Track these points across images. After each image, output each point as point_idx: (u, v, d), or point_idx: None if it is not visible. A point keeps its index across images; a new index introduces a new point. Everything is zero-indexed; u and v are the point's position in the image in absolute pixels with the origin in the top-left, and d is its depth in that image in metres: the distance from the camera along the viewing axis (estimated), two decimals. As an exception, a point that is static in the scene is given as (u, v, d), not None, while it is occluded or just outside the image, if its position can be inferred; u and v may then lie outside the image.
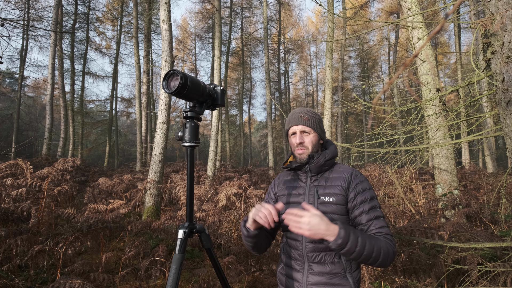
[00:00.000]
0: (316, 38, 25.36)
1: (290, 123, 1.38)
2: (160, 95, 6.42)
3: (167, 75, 1.17)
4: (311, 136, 1.35)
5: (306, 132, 1.35)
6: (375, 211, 1.24)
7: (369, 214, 1.23)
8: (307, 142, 1.34)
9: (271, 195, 1.47)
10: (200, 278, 3.06)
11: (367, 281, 2.70)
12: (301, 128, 1.35)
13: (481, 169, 10.61)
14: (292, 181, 1.41)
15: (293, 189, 1.37)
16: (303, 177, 1.36)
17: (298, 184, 1.37)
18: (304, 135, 1.35)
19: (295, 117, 1.37)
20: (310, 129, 1.35)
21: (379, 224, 1.22)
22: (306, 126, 1.34)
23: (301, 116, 1.36)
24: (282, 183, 1.44)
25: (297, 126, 1.35)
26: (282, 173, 1.52)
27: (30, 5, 14.94)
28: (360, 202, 1.25)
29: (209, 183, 8.83)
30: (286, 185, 1.41)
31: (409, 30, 4.62)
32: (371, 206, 1.25)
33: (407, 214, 4.42)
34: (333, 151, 1.37)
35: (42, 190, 4.38)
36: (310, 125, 1.35)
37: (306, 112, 1.37)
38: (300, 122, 1.35)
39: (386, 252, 1.13)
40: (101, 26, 19.44)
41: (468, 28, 4.44)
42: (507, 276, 2.15)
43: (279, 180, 1.47)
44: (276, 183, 1.48)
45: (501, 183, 3.54)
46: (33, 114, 25.92)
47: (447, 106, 3.06)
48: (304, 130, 1.35)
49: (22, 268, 3.21)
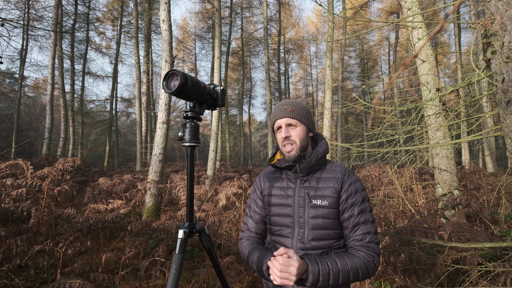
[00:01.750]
0: (316, 38, 25.36)
1: (274, 117, 1.27)
2: (160, 95, 6.42)
3: (167, 75, 1.17)
4: (298, 129, 1.24)
5: (292, 125, 1.24)
6: (364, 215, 1.19)
7: (357, 218, 1.18)
8: (294, 135, 1.23)
9: (258, 194, 1.36)
10: (200, 278, 3.06)
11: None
12: (286, 121, 1.24)
13: (481, 169, 10.61)
14: (279, 180, 1.30)
15: (281, 190, 1.27)
16: (292, 177, 1.26)
17: (286, 185, 1.27)
18: (290, 129, 1.24)
19: (279, 109, 1.26)
20: (296, 121, 1.24)
21: (365, 230, 1.17)
22: (291, 118, 1.23)
23: (285, 108, 1.24)
24: (269, 181, 1.33)
25: (281, 120, 1.25)
26: (266, 169, 1.40)
27: (30, 5, 14.93)
28: (351, 205, 1.19)
29: (209, 183, 8.83)
30: (273, 184, 1.31)
31: (409, 30, 4.62)
32: (361, 209, 1.19)
33: (407, 214, 4.42)
34: (325, 148, 1.26)
35: (42, 190, 4.38)
36: (295, 116, 1.23)
37: (290, 103, 1.26)
38: (285, 114, 1.24)
39: (364, 271, 1.10)
40: (101, 26, 19.45)
41: (468, 28, 4.44)
42: (507, 276, 2.15)
43: (264, 178, 1.36)
44: (261, 180, 1.36)
45: (501, 183, 3.54)
46: (33, 114, 25.93)
47: (447, 106, 3.06)
48: (290, 123, 1.24)
49: (22, 268, 3.21)
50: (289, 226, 1.23)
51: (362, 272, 1.09)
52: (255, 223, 1.34)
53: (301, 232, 1.21)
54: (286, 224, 1.24)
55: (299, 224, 1.21)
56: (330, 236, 1.19)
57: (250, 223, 1.36)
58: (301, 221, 1.21)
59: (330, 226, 1.19)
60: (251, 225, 1.35)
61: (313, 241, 1.19)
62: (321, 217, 1.19)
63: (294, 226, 1.23)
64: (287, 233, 1.23)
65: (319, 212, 1.19)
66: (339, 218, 1.21)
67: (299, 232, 1.21)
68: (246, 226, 1.37)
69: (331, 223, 1.19)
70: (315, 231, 1.19)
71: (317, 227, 1.19)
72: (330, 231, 1.19)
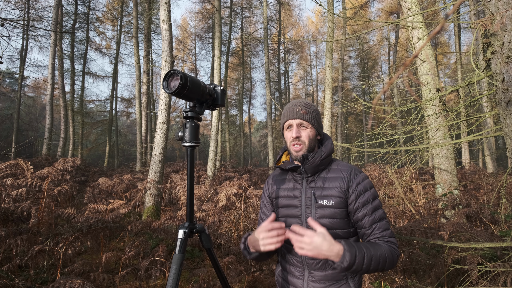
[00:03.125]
0: (316, 38, 25.35)
1: (287, 117, 1.28)
2: (160, 95, 6.42)
3: (167, 75, 1.17)
4: (308, 130, 1.26)
5: (304, 126, 1.26)
6: (378, 212, 1.19)
7: (372, 216, 1.18)
8: (304, 136, 1.25)
9: (266, 198, 1.40)
10: (200, 278, 3.06)
11: (367, 281, 2.70)
12: (298, 122, 1.25)
13: (481, 169, 10.61)
14: (286, 181, 1.33)
15: (288, 191, 1.29)
16: (299, 178, 1.28)
17: (293, 186, 1.29)
18: (301, 129, 1.26)
19: (292, 110, 1.27)
20: (307, 123, 1.26)
21: (383, 227, 1.18)
22: (304, 120, 1.25)
23: (298, 109, 1.25)
24: (276, 184, 1.36)
25: (294, 120, 1.26)
26: (274, 172, 1.44)
27: (30, 5, 14.94)
28: (363, 205, 1.19)
29: (209, 183, 8.83)
30: (281, 186, 1.33)
31: (409, 30, 4.62)
32: (374, 207, 1.19)
33: (407, 214, 4.42)
34: (329, 147, 1.27)
35: (42, 190, 4.38)
36: (308, 119, 1.25)
37: (304, 105, 1.27)
38: (298, 116, 1.25)
39: (391, 260, 1.11)
40: (101, 26, 19.45)
41: (468, 28, 4.44)
42: (507, 276, 2.15)
43: (272, 181, 1.39)
44: (269, 183, 1.40)
45: (501, 183, 3.54)
46: (33, 114, 25.93)
47: (447, 106, 3.06)
48: (302, 124, 1.26)
49: (22, 268, 3.21)
50: None
51: (389, 260, 1.11)
52: None
53: None
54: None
55: (307, 225, 1.22)
56: (337, 235, 1.19)
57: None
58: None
59: (338, 226, 1.20)
60: None
61: None
62: (327, 217, 1.19)
63: (302, 226, 1.23)
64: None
65: (325, 212, 1.19)
66: (347, 218, 1.22)
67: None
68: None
69: (338, 222, 1.19)
70: None
71: (324, 227, 1.19)
72: (338, 231, 1.20)
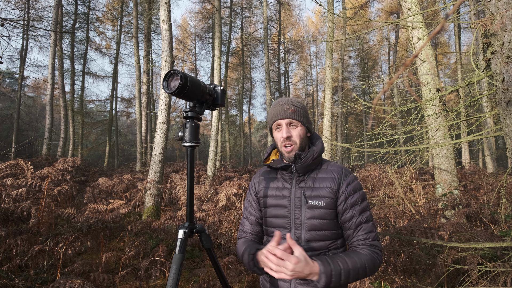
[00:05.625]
0: (316, 38, 25.35)
1: (275, 117, 1.24)
2: (160, 95, 6.42)
3: (167, 75, 1.17)
4: (298, 129, 1.22)
5: (293, 125, 1.22)
6: (365, 214, 1.18)
7: (359, 218, 1.17)
8: (295, 136, 1.21)
9: (253, 196, 1.34)
10: (200, 278, 3.06)
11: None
12: (287, 121, 1.22)
13: (481, 169, 10.60)
14: (274, 180, 1.28)
15: (277, 190, 1.26)
16: (288, 177, 1.24)
17: (282, 185, 1.25)
18: (291, 128, 1.22)
19: (280, 109, 1.23)
20: (297, 122, 1.22)
21: (367, 229, 1.17)
22: (293, 119, 1.22)
23: (286, 108, 1.22)
24: (263, 182, 1.31)
25: (283, 120, 1.22)
26: (261, 169, 1.39)
27: (30, 5, 14.94)
28: (351, 206, 1.17)
29: (209, 183, 8.83)
30: (269, 185, 1.29)
31: (409, 30, 4.62)
32: (362, 209, 1.18)
33: (407, 214, 4.42)
34: (320, 147, 1.24)
35: (42, 190, 4.38)
36: (297, 117, 1.22)
37: (291, 103, 1.23)
38: (286, 115, 1.21)
39: (371, 268, 1.10)
40: (101, 26, 19.45)
41: (468, 28, 4.44)
42: (507, 276, 2.15)
43: (259, 179, 1.34)
44: (256, 181, 1.34)
45: (501, 183, 3.54)
46: (33, 114, 25.93)
47: (447, 106, 3.06)
48: (291, 123, 1.22)
49: (22, 268, 3.21)
50: (285, 228, 1.22)
51: (369, 269, 1.10)
52: (251, 224, 1.34)
53: (297, 234, 1.19)
54: (282, 226, 1.23)
55: (296, 225, 1.20)
56: (327, 237, 1.18)
57: (246, 224, 1.35)
58: (297, 222, 1.19)
59: (327, 227, 1.18)
60: (247, 227, 1.35)
61: (310, 242, 1.18)
62: (317, 218, 1.17)
63: (290, 227, 1.21)
64: (283, 235, 1.22)
65: (315, 213, 1.17)
66: (337, 219, 1.20)
67: (296, 233, 1.19)
68: (243, 227, 1.37)
69: (328, 223, 1.18)
70: (311, 232, 1.18)
71: (314, 228, 1.18)
72: (327, 232, 1.18)
